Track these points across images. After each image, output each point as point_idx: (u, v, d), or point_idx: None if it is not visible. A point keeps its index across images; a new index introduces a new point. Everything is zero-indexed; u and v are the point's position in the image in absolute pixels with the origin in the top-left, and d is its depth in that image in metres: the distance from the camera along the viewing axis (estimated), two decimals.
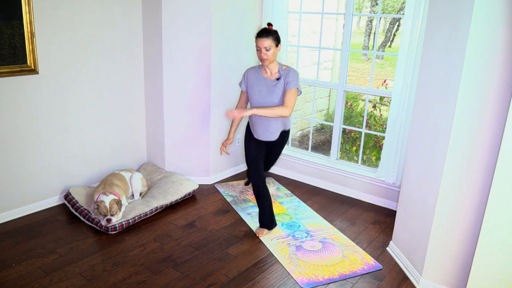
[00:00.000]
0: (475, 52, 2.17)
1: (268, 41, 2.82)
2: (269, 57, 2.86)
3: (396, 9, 9.40)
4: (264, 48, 2.83)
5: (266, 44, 2.82)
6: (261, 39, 2.83)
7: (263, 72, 3.00)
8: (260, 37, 2.84)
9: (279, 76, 2.93)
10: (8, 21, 2.96)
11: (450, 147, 2.33)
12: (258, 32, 2.88)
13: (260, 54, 2.87)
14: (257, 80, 2.99)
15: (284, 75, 2.93)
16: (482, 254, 2.23)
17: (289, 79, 2.91)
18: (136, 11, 3.76)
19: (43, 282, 2.56)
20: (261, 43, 2.83)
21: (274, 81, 2.94)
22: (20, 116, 3.18)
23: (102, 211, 3.07)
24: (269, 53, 2.85)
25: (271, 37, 2.84)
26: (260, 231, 3.21)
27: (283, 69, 2.96)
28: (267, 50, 2.84)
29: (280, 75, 2.93)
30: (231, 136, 3.27)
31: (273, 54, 2.87)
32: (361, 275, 2.78)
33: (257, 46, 2.86)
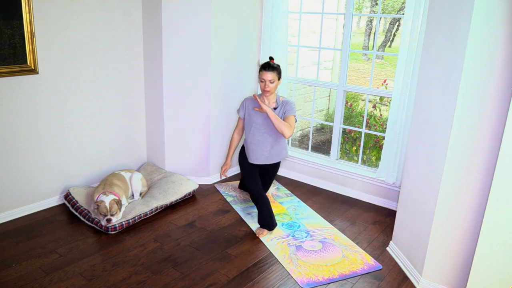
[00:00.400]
0: (475, 52, 2.17)
1: (272, 74, 3.08)
2: (271, 89, 3.13)
3: (396, 9, 9.40)
4: (269, 81, 3.08)
5: (270, 77, 3.07)
6: (266, 72, 3.07)
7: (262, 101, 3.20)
8: (265, 70, 3.07)
9: (276, 106, 3.18)
10: (8, 21, 2.96)
11: (450, 147, 2.33)
12: (263, 65, 3.12)
13: (263, 86, 3.11)
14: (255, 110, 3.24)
15: (282, 106, 3.21)
16: (482, 254, 2.23)
17: (287, 108, 3.20)
18: (136, 11, 3.76)
19: (43, 282, 2.56)
20: (265, 76, 3.07)
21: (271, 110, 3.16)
22: (20, 116, 3.18)
23: (102, 211, 3.07)
24: (271, 85, 3.11)
25: (276, 71, 3.11)
26: (260, 231, 3.21)
27: (280, 100, 3.21)
28: (271, 83, 3.08)
29: (277, 105, 3.18)
30: (229, 161, 3.57)
31: (275, 86, 3.14)
32: (361, 275, 2.78)
33: (261, 78, 3.09)
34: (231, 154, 3.56)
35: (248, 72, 4.23)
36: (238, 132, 3.53)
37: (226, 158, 3.58)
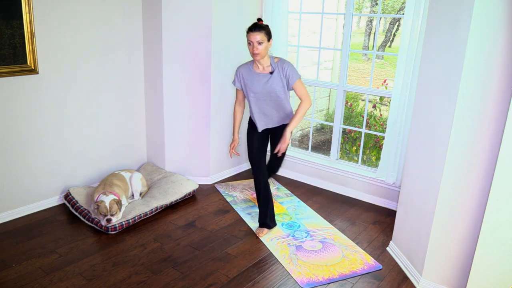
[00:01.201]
0: (475, 52, 2.17)
1: (260, 35, 2.78)
2: (261, 51, 2.82)
3: (396, 9, 9.40)
4: (257, 42, 2.79)
5: (258, 38, 2.78)
6: (253, 33, 2.79)
7: (255, 68, 2.97)
8: (252, 31, 2.80)
9: (272, 70, 2.90)
10: (8, 21, 2.96)
11: (450, 147, 2.33)
12: (250, 26, 2.84)
13: (251, 49, 2.83)
14: (251, 77, 2.96)
15: (279, 69, 2.90)
16: (482, 254, 2.23)
17: (288, 73, 2.90)
18: (136, 11, 3.76)
19: (43, 282, 2.56)
20: (253, 37, 2.79)
21: (267, 75, 2.92)
22: (20, 116, 3.18)
23: (102, 211, 3.07)
24: (260, 47, 2.80)
25: (263, 31, 2.80)
26: (260, 230, 3.21)
27: (275, 62, 2.92)
28: (259, 44, 2.80)
29: (273, 68, 2.90)
30: (236, 137, 3.26)
31: (265, 48, 2.82)
32: (361, 275, 2.78)
33: (249, 40, 2.82)
34: (237, 129, 3.24)
35: None
36: (239, 103, 3.20)
37: (233, 134, 3.25)
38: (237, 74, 3.05)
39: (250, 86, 2.97)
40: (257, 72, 2.96)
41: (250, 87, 2.97)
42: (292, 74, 2.90)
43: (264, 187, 3.15)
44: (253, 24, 2.83)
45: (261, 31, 2.79)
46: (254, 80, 2.95)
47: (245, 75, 2.99)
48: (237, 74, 3.05)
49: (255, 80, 2.95)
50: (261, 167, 3.13)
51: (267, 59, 2.92)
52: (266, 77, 2.92)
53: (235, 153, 3.28)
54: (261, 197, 3.18)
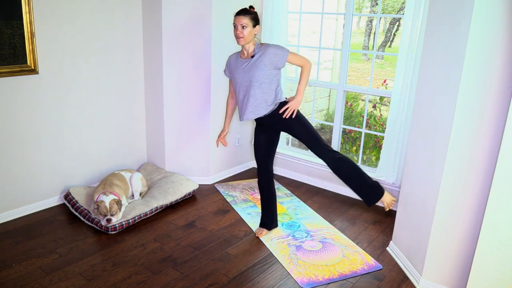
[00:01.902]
0: (475, 52, 2.17)
1: (245, 19, 2.75)
2: (245, 36, 2.77)
3: (396, 9, 9.40)
4: (240, 25, 2.76)
5: (242, 22, 2.75)
6: (239, 17, 2.77)
7: (241, 55, 2.92)
8: (237, 15, 2.79)
9: (254, 54, 2.82)
10: (8, 21, 2.96)
11: (450, 147, 2.33)
12: (237, 11, 2.83)
13: (235, 32, 2.79)
14: (235, 64, 2.91)
15: (262, 52, 2.80)
16: (482, 254, 2.23)
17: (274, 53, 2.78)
18: (136, 11, 3.76)
19: (43, 282, 2.56)
20: (237, 20, 2.77)
21: (249, 59, 2.84)
22: (20, 116, 3.18)
23: (102, 211, 3.07)
24: (244, 31, 2.76)
25: (249, 16, 2.77)
26: (260, 231, 3.21)
27: (259, 48, 2.84)
28: (243, 28, 2.76)
29: (255, 53, 2.82)
30: (226, 127, 3.18)
31: (249, 33, 2.77)
32: (361, 275, 2.78)
33: (234, 23, 2.80)
34: (228, 119, 3.19)
35: None
36: (232, 95, 3.13)
37: (224, 124, 3.21)
38: (226, 63, 3.04)
39: (234, 72, 2.92)
40: (242, 58, 2.90)
41: (234, 73, 2.92)
42: (280, 53, 2.79)
43: (268, 186, 3.12)
44: (241, 9, 2.82)
45: (247, 15, 2.77)
46: (238, 66, 2.89)
47: (232, 62, 2.96)
48: (227, 63, 3.03)
49: (239, 66, 2.88)
50: (266, 165, 3.07)
51: (252, 45, 2.85)
52: (247, 61, 2.84)
53: (222, 143, 3.22)
54: (264, 195, 3.15)
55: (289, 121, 2.86)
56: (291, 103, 2.82)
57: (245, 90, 2.85)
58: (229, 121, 3.21)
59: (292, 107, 2.82)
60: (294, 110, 2.84)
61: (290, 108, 2.82)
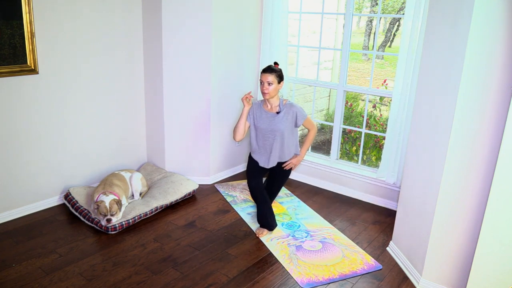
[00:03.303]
0: (475, 52, 2.17)
1: (271, 76, 2.99)
2: (270, 91, 3.02)
3: (396, 9, 9.40)
4: (267, 82, 2.99)
5: (269, 79, 2.99)
6: (265, 74, 3.00)
7: (265, 106, 3.15)
8: (264, 72, 3.02)
9: (279, 110, 3.09)
10: (8, 21, 2.96)
11: (450, 147, 2.33)
12: (264, 68, 3.06)
13: (262, 88, 3.03)
14: (259, 113, 3.14)
15: (287, 111, 3.09)
16: (482, 254, 2.23)
17: (297, 114, 3.11)
18: (136, 11, 3.76)
19: (43, 282, 2.56)
20: (264, 77, 3.01)
21: (274, 115, 3.10)
22: (20, 116, 3.18)
23: (102, 211, 3.07)
24: (270, 88, 3.01)
25: (275, 73, 3.01)
26: (260, 231, 3.21)
27: (283, 104, 3.12)
28: (269, 85, 3.00)
29: (280, 109, 3.09)
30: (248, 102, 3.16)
31: (274, 89, 3.03)
32: (361, 275, 2.78)
33: (261, 79, 3.03)
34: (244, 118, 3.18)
35: (248, 72, 4.23)
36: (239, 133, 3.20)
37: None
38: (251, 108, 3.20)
39: (258, 122, 3.15)
40: (266, 110, 3.13)
41: (258, 122, 3.14)
42: (301, 115, 3.13)
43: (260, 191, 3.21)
44: (267, 66, 3.06)
45: (273, 73, 3.01)
46: (262, 117, 3.13)
47: (256, 111, 3.18)
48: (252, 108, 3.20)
49: (263, 117, 3.13)
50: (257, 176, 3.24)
51: (276, 99, 3.12)
52: (273, 116, 3.11)
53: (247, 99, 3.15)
54: (259, 201, 3.23)
55: (283, 172, 3.29)
56: (294, 160, 3.24)
57: (268, 140, 3.14)
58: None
59: (293, 163, 3.24)
60: (294, 166, 3.26)
61: (292, 163, 3.23)
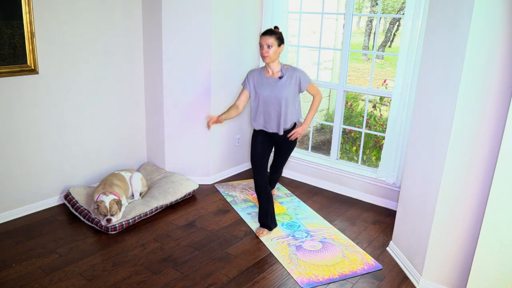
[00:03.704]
0: (475, 52, 2.17)
1: (270, 39, 2.90)
2: (270, 55, 2.92)
3: (396, 9, 9.40)
4: (266, 45, 2.90)
5: (268, 42, 2.90)
6: (264, 37, 2.92)
7: (266, 72, 3.06)
8: (263, 35, 2.94)
9: (282, 75, 3.00)
10: (8, 21, 2.96)
11: (450, 147, 2.33)
12: (263, 31, 2.99)
13: (261, 51, 2.94)
14: (261, 80, 3.05)
15: (290, 75, 3.00)
16: (482, 254, 2.23)
17: (301, 78, 3.01)
18: (136, 11, 3.76)
19: (43, 282, 2.56)
20: (263, 40, 2.92)
21: (276, 79, 3.01)
22: (20, 116, 3.18)
23: (102, 211, 3.07)
24: (270, 50, 2.91)
25: (274, 36, 2.92)
26: (260, 231, 3.21)
27: (285, 68, 3.02)
28: (269, 48, 2.91)
29: (283, 74, 3.00)
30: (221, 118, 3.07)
31: (274, 52, 2.93)
32: (361, 275, 2.78)
33: (260, 43, 2.95)
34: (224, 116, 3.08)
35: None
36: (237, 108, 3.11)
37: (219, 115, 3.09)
38: (248, 76, 3.12)
39: (259, 88, 3.06)
40: (267, 76, 3.05)
41: (259, 89, 3.05)
42: (304, 79, 3.03)
43: (264, 188, 3.17)
44: (267, 29, 2.98)
45: (272, 35, 2.92)
46: (264, 83, 3.04)
47: (256, 78, 3.08)
48: (248, 76, 3.12)
49: (264, 83, 3.04)
50: (262, 170, 3.17)
51: (277, 64, 3.02)
52: (275, 81, 3.01)
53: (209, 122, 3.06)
54: (262, 198, 3.20)
55: (289, 143, 3.18)
56: (299, 129, 3.09)
57: (273, 107, 3.03)
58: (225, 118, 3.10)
59: (298, 132, 3.10)
60: (300, 135, 3.11)
61: (297, 133, 3.09)
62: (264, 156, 3.18)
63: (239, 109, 3.16)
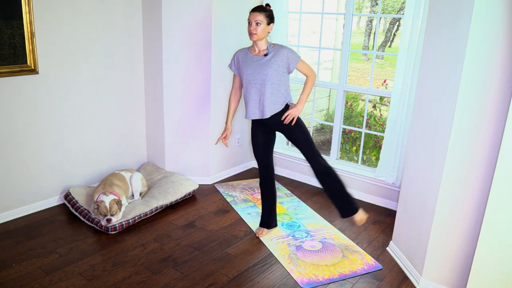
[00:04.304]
0: (475, 52, 2.17)
1: (260, 16, 2.76)
2: (258, 32, 2.78)
3: (396, 9, 9.40)
4: (254, 22, 2.77)
5: (257, 18, 2.76)
6: (254, 13, 2.78)
7: (252, 51, 2.92)
8: (253, 11, 2.80)
9: (267, 53, 2.85)
10: (8, 21, 2.96)
11: (450, 147, 2.33)
12: (253, 7, 2.84)
13: (249, 28, 2.80)
14: (245, 59, 2.91)
15: (276, 52, 2.83)
16: (482, 254, 2.23)
17: (288, 56, 2.85)
18: (136, 11, 3.76)
19: (43, 282, 2.56)
20: (252, 16, 2.78)
21: (261, 57, 2.86)
22: (20, 116, 3.18)
23: (102, 211, 3.07)
24: (258, 28, 2.77)
25: (264, 13, 2.78)
26: (260, 231, 3.21)
27: (271, 47, 2.87)
28: (257, 25, 2.77)
29: (268, 52, 2.84)
30: (228, 125, 3.11)
31: (262, 30, 2.79)
32: (361, 275, 2.78)
33: (248, 19, 2.80)
34: (231, 117, 3.12)
35: None
36: (235, 92, 3.09)
37: (226, 123, 3.12)
38: (233, 57, 3.02)
39: (243, 67, 2.92)
40: (253, 54, 2.91)
41: (243, 68, 2.91)
42: (293, 57, 2.86)
43: (269, 184, 3.11)
44: (257, 6, 2.84)
45: (262, 12, 2.78)
46: (248, 62, 2.90)
47: (241, 57, 2.95)
48: (234, 57, 3.01)
49: (249, 62, 2.89)
50: (267, 163, 3.06)
51: (265, 42, 2.87)
52: (259, 58, 2.86)
53: (224, 143, 3.12)
54: (265, 195, 3.14)
55: (290, 126, 2.92)
56: (292, 111, 2.87)
57: (257, 88, 2.86)
58: (231, 118, 3.14)
59: (292, 115, 2.87)
60: (294, 117, 2.89)
61: (290, 115, 2.87)
62: (266, 148, 3.04)
63: (238, 94, 3.08)
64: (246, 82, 2.90)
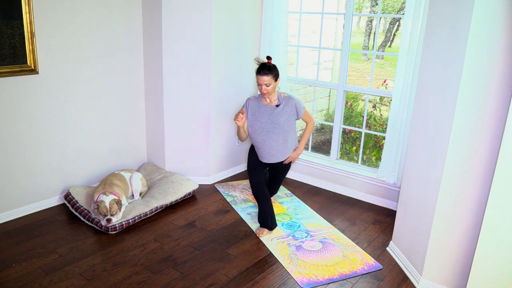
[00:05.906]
0: (475, 52, 2.17)
1: (267, 78, 3.00)
2: (269, 91, 3.06)
3: (396, 9, 9.40)
4: (265, 85, 3.02)
5: (266, 81, 3.01)
6: (261, 77, 3.01)
7: (263, 101, 3.18)
8: (260, 75, 3.02)
9: (278, 103, 3.13)
10: (8, 21, 2.96)
11: (450, 147, 2.33)
12: (258, 68, 3.04)
13: (260, 89, 3.06)
14: (259, 108, 3.17)
15: (286, 103, 3.14)
16: (482, 254, 2.23)
17: (297, 106, 3.17)
18: (136, 11, 3.76)
19: (43, 282, 2.56)
20: (261, 80, 3.02)
21: (273, 107, 3.14)
22: (20, 116, 3.18)
23: (102, 211, 3.07)
24: (269, 88, 3.04)
25: (271, 74, 3.02)
26: (260, 231, 3.21)
27: (281, 97, 3.16)
28: (267, 86, 3.03)
29: (279, 102, 3.14)
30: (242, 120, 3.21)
31: (272, 88, 3.06)
32: (361, 275, 2.78)
33: (258, 82, 3.05)
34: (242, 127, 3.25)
35: (248, 73, 4.23)
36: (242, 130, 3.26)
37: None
38: (246, 104, 3.24)
39: (257, 116, 3.17)
40: (265, 104, 3.17)
41: (257, 117, 3.17)
42: (300, 108, 3.19)
43: (261, 193, 3.24)
44: (261, 66, 3.03)
45: (269, 74, 3.01)
46: (262, 111, 3.16)
47: (254, 106, 3.20)
48: (247, 104, 3.24)
49: (262, 111, 3.16)
50: (258, 172, 3.29)
51: (275, 94, 3.16)
52: (272, 109, 3.14)
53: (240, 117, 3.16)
54: (260, 199, 3.25)
55: (283, 167, 3.34)
56: (293, 154, 3.27)
57: (269, 134, 3.15)
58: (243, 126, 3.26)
59: (292, 157, 3.27)
60: (294, 160, 3.30)
61: (291, 157, 3.27)
62: (260, 162, 3.29)
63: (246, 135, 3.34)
64: (260, 129, 3.17)
